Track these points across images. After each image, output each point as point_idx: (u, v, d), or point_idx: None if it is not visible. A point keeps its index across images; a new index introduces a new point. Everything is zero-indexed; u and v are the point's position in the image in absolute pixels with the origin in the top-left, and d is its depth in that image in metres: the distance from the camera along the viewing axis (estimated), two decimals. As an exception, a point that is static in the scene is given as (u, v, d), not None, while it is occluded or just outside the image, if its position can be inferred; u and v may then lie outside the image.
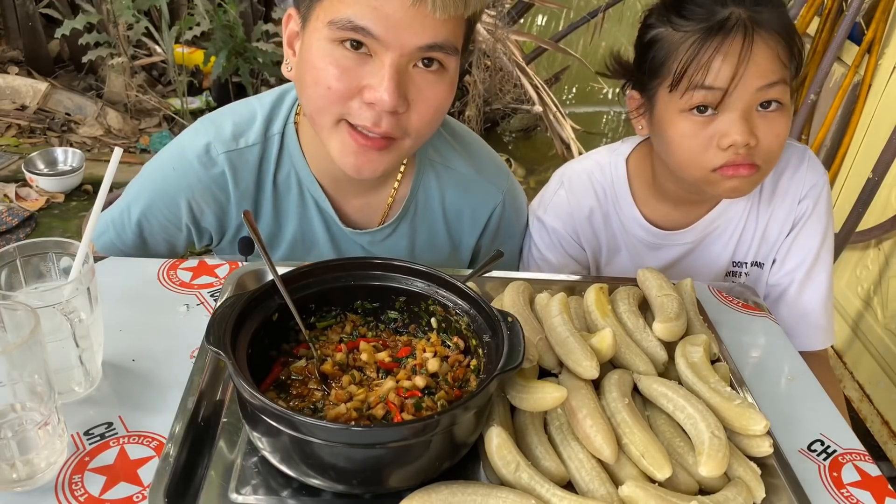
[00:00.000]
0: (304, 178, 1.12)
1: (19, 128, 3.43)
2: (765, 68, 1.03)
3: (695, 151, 1.08)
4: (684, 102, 1.07)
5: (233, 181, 1.11)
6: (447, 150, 1.19)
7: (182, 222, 1.14)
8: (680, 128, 1.09)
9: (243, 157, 1.10)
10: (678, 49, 1.06)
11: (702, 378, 0.83)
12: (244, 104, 1.15)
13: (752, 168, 1.08)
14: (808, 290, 1.24)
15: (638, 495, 0.69)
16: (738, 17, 1.04)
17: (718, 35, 1.03)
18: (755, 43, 1.03)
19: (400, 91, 0.92)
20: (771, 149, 1.08)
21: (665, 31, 1.09)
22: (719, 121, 1.06)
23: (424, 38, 0.90)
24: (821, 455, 0.85)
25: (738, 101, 1.04)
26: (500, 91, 3.71)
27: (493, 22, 3.34)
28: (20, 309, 0.69)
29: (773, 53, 1.04)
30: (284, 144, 1.12)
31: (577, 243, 1.28)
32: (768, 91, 1.04)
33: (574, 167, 1.31)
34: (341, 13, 0.90)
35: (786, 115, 1.08)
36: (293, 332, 0.84)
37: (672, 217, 1.25)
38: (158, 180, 1.13)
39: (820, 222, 1.23)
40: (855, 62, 2.20)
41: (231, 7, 3.24)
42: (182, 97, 3.51)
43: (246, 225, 0.87)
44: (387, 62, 0.90)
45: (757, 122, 1.06)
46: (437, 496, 0.69)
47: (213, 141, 1.09)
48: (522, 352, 0.73)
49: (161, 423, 0.78)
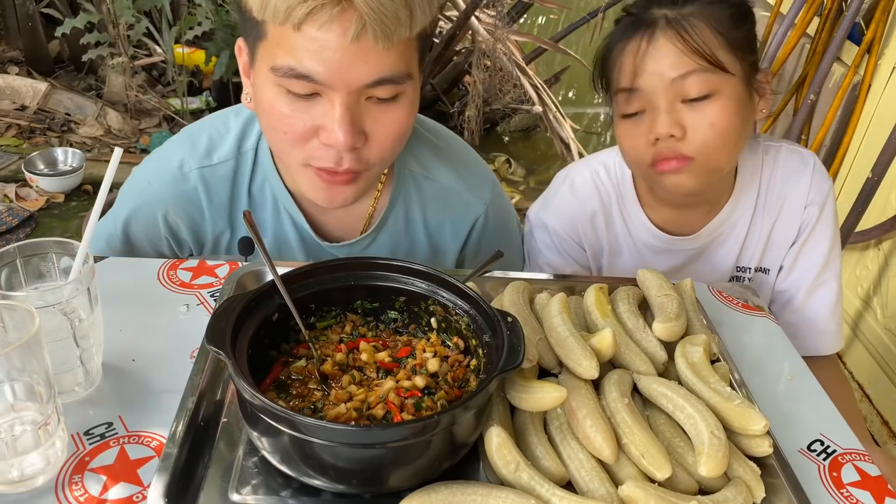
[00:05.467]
0: (279, 193, 1.12)
1: (19, 128, 3.43)
2: (670, 61, 1.05)
3: (633, 150, 1.13)
4: (618, 107, 1.13)
5: (206, 197, 1.11)
6: (428, 160, 1.17)
7: (161, 233, 1.15)
8: (621, 130, 1.14)
9: (216, 173, 1.10)
10: (609, 56, 1.13)
11: (701, 378, 0.83)
12: (222, 118, 1.14)
13: (682, 160, 1.08)
14: (816, 297, 1.24)
15: (638, 495, 0.69)
16: (653, 16, 1.07)
17: (627, 36, 1.09)
18: (656, 37, 1.05)
19: (355, 128, 0.89)
20: (704, 139, 1.07)
21: (606, 42, 1.15)
22: (646, 119, 1.09)
23: (371, 75, 0.86)
24: (820, 455, 0.85)
25: (656, 96, 1.07)
26: (499, 91, 3.71)
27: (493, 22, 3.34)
28: (20, 309, 0.69)
29: (679, 44, 1.04)
30: (258, 160, 1.11)
31: (577, 244, 1.27)
32: (684, 82, 1.05)
33: (577, 168, 1.31)
34: (280, 60, 0.86)
35: (722, 103, 1.06)
36: (293, 332, 0.84)
37: (676, 221, 1.24)
38: (137, 192, 1.14)
39: (828, 228, 1.23)
40: (854, 62, 2.20)
41: (233, 7, 3.24)
42: (182, 97, 3.51)
43: (246, 225, 0.87)
44: (336, 102, 0.87)
45: (684, 114, 1.07)
46: (437, 496, 0.69)
47: (186, 157, 1.09)
48: (522, 352, 0.73)
49: (161, 423, 0.78)
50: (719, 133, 1.06)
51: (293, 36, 0.84)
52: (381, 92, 0.89)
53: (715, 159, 1.10)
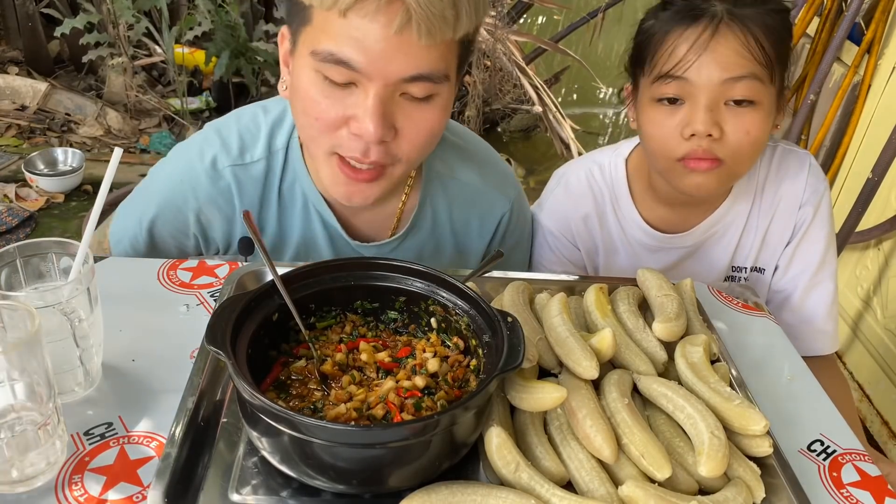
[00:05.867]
0: (309, 192, 1.12)
1: (19, 128, 3.43)
2: (730, 61, 1.03)
3: (662, 140, 1.10)
4: (654, 91, 1.09)
5: (238, 194, 1.10)
6: (454, 161, 1.18)
7: (190, 231, 1.14)
8: (650, 116, 1.11)
9: (248, 172, 1.10)
10: (653, 38, 1.09)
11: (701, 378, 0.83)
12: (251, 115, 1.14)
13: (713, 162, 1.08)
14: (812, 296, 1.24)
15: (638, 495, 0.69)
16: (713, 8, 1.04)
17: (686, 24, 1.05)
18: (720, 33, 1.03)
19: (385, 122, 0.90)
20: (739, 145, 1.07)
21: (651, 23, 1.11)
22: (684, 110, 1.07)
23: (409, 69, 0.87)
24: (820, 455, 0.85)
25: (703, 91, 1.05)
26: (499, 91, 3.71)
27: (493, 22, 3.34)
28: (20, 309, 0.69)
29: (741, 47, 1.03)
30: (288, 158, 1.11)
31: (571, 244, 1.28)
32: (734, 85, 1.04)
33: (573, 167, 1.31)
34: (323, 45, 0.88)
35: (760, 114, 1.06)
36: (293, 332, 0.84)
37: (671, 220, 1.25)
38: (167, 190, 1.13)
39: (823, 228, 1.23)
40: (854, 62, 2.20)
41: (233, 7, 3.25)
42: (182, 97, 3.51)
43: (246, 225, 0.87)
44: (371, 93, 0.88)
45: (725, 115, 1.06)
46: (437, 496, 0.69)
47: (218, 154, 1.09)
48: (522, 352, 0.73)
49: (161, 423, 0.78)
50: (752, 141, 1.07)
51: (338, 22, 0.86)
52: (416, 89, 0.90)
53: (741, 166, 1.11)
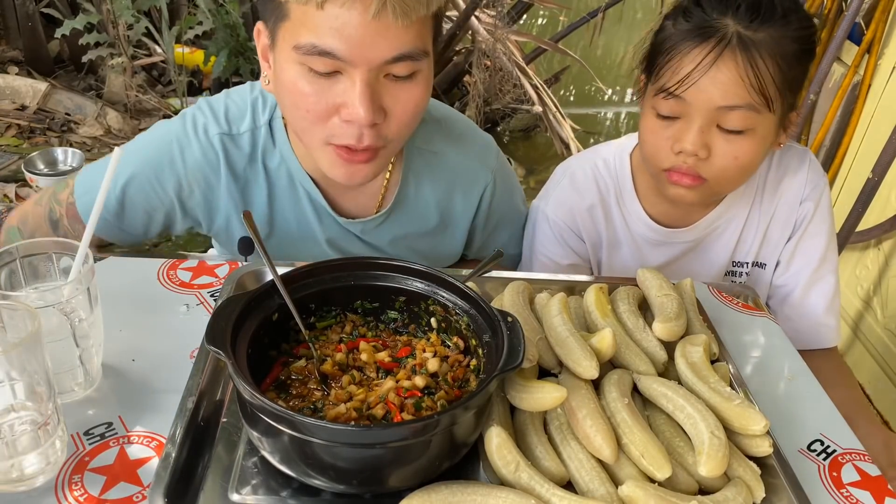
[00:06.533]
0: (294, 170, 1.13)
1: (19, 128, 3.43)
2: (727, 89, 1.02)
3: (653, 148, 1.12)
4: (655, 102, 1.10)
5: (225, 163, 1.11)
6: (431, 135, 1.19)
7: (168, 196, 1.13)
8: (648, 122, 1.13)
9: (235, 143, 1.12)
10: (663, 49, 1.09)
11: (701, 378, 0.83)
12: (239, 92, 1.16)
13: (696, 179, 1.09)
14: (814, 291, 1.25)
15: (638, 495, 0.69)
16: (726, 29, 1.03)
17: (695, 42, 1.04)
18: (724, 59, 1.02)
19: (375, 104, 0.92)
20: (725, 168, 1.08)
21: (668, 28, 1.10)
22: (678, 125, 1.08)
23: (391, 51, 0.90)
24: (820, 455, 0.85)
25: (698, 112, 1.05)
26: (499, 91, 3.71)
27: (493, 22, 3.34)
28: (20, 309, 0.69)
29: (741, 76, 1.02)
30: (273, 134, 1.13)
31: (577, 235, 1.29)
32: (728, 114, 1.04)
33: (579, 160, 1.32)
34: (304, 38, 0.89)
35: (753, 141, 1.06)
36: (293, 332, 0.84)
37: (673, 214, 1.25)
38: (154, 150, 1.12)
39: (823, 223, 1.24)
40: (854, 62, 2.20)
41: (233, 7, 3.25)
42: (182, 97, 3.50)
43: (245, 225, 0.87)
44: (357, 79, 0.90)
45: (716, 138, 1.06)
46: (437, 496, 0.69)
47: (208, 123, 1.11)
48: (522, 352, 0.73)
49: (161, 423, 0.78)
50: (740, 166, 1.08)
51: (316, 14, 0.87)
52: (399, 69, 0.92)
53: (725, 187, 1.15)
